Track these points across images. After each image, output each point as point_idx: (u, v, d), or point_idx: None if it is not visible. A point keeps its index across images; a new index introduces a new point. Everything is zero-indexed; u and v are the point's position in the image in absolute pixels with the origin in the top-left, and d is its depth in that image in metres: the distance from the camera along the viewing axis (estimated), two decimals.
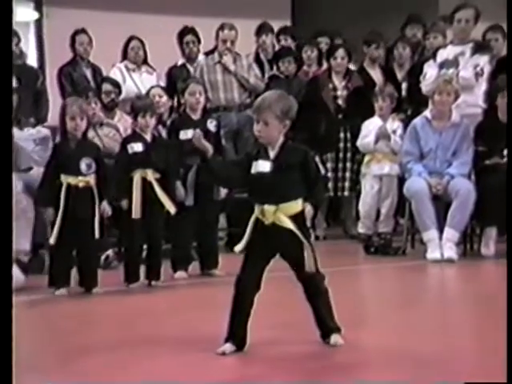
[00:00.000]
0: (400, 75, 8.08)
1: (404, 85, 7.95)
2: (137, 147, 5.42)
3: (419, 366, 3.20)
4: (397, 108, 7.45)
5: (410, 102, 7.77)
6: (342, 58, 7.81)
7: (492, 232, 6.46)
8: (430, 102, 6.64)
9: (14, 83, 6.73)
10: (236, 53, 7.79)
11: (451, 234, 6.29)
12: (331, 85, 7.81)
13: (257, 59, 8.26)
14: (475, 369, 3.19)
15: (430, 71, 7.11)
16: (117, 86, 7.26)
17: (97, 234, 5.13)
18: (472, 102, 6.91)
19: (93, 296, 5.12)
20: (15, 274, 5.04)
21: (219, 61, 7.68)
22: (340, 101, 7.80)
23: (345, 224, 8.11)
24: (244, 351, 3.42)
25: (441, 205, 6.48)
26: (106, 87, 7.21)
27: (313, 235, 6.79)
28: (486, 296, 4.81)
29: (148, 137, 5.47)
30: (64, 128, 5.20)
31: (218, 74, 7.66)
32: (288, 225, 3.38)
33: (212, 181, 5.23)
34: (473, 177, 6.63)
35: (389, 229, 7.19)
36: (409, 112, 7.69)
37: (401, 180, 6.94)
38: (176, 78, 7.83)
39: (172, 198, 5.44)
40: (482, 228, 6.58)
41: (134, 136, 5.52)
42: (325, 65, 8.19)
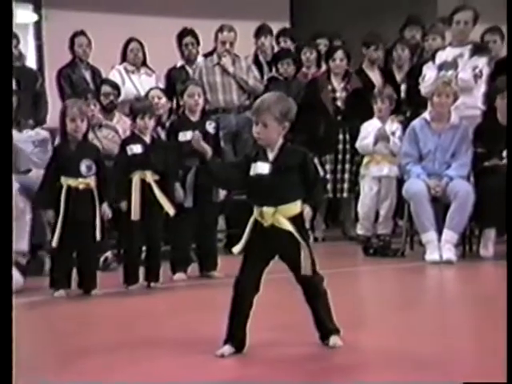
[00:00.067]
0: (399, 77, 8.08)
1: (403, 86, 7.95)
2: (136, 149, 5.42)
3: (418, 368, 3.20)
4: (396, 110, 7.46)
5: (409, 104, 7.77)
6: (341, 60, 7.81)
7: (491, 233, 6.46)
8: (429, 104, 6.64)
9: (13, 85, 6.73)
10: (235, 54, 7.78)
11: (450, 236, 6.29)
12: (330, 86, 7.81)
13: (256, 61, 8.25)
14: (474, 370, 3.19)
15: (429, 73, 7.11)
16: (116, 88, 7.25)
17: (98, 236, 5.13)
18: (471, 104, 6.91)
19: (92, 298, 5.13)
20: (14, 276, 5.04)
21: (218, 62, 7.68)
22: (339, 102, 7.79)
23: (344, 225, 8.11)
24: (243, 353, 3.42)
25: (440, 206, 6.47)
26: (105, 89, 7.20)
27: (312, 237, 6.79)
28: (485, 297, 4.81)
29: (147, 138, 5.47)
30: (64, 130, 5.20)
31: (217, 76, 7.66)
32: (287, 226, 3.38)
33: (211, 183, 5.22)
34: (472, 178, 6.63)
35: (388, 230, 7.19)
36: (408, 114, 7.69)
37: (400, 181, 6.94)
38: (175, 80, 7.83)
39: (171, 200, 5.44)
40: (481, 229, 6.57)
41: (133, 138, 5.52)
42: (324, 66, 8.19)
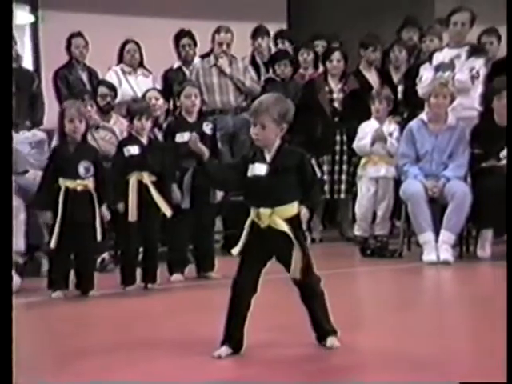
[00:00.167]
0: (396, 78, 8.08)
1: (400, 87, 7.95)
2: (133, 150, 5.42)
3: (416, 368, 3.20)
4: (393, 111, 7.45)
5: (406, 105, 7.77)
6: (338, 61, 7.80)
7: (488, 234, 6.46)
8: (426, 105, 6.64)
9: None
10: (232, 56, 7.78)
11: (447, 237, 6.29)
12: (327, 88, 7.80)
13: (253, 62, 8.25)
14: (471, 371, 3.20)
15: (426, 74, 7.11)
16: (113, 89, 7.25)
17: (99, 237, 5.13)
18: (468, 105, 6.91)
19: (89, 299, 5.12)
20: None
21: (215, 64, 7.67)
22: (336, 103, 7.79)
23: (341, 226, 8.10)
24: (240, 354, 3.42)
25: (437, 207, 6.47)
26: (102, 90, 7.19)
27: (309, 238, 6.80)
28: (482, 298, 4.81)
29: (144, 140, 5.47)
30: (62, 131, 5.19)
31: (214, 77, 7.66)
32: (283, 228, 3.38)
33: (208, 184, 5.21)
34: (469, 179, 6.63)
35: (385, 231, 7.18)
36: (405, 115, 7.68)
37: (397, 182, 6.94)
38: (172, 81, 7.82)
39: (168, 201, 5.43)
40: (478, 230, 6.57)
41: (130, 139, 5.52)
42: (321, 68, 8.19)
